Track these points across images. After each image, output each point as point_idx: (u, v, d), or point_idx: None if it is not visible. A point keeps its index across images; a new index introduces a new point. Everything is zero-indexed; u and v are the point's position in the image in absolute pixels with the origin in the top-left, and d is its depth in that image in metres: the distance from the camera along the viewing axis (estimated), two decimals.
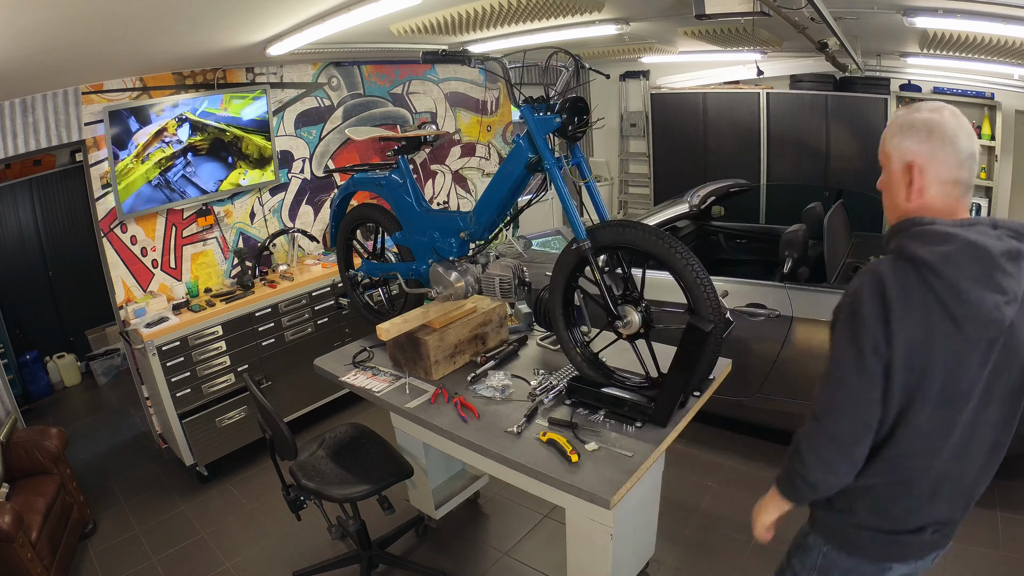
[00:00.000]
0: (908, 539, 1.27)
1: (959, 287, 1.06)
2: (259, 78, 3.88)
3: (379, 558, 2.56)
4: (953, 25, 2.90)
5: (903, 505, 1.24)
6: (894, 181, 1.19)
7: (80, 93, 3.15)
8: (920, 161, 1.13)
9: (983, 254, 1.07)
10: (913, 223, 1.13)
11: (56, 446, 2.85)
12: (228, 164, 3.70)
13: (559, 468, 1.71)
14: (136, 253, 3.49)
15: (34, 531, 2.46)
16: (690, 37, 4.06)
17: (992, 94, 4.64)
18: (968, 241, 1.07)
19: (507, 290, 2.10)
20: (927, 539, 1.27)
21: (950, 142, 1.11)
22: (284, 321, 3.62)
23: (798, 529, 1.46)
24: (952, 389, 1.12)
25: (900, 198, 1.18)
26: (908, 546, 1.28)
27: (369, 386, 2.27)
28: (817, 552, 1.36)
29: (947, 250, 1.07)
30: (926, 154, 1.13)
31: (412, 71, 4.81)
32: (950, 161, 1.12)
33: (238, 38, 2.93)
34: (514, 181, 1.92)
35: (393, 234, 2.44)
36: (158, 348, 3.12)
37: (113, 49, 2.64)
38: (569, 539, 1.94)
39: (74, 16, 1.97)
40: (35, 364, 4.67)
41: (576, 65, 1.88)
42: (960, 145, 1.11)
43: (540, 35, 3.57)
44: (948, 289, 1.07)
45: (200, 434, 3.30)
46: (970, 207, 1.18)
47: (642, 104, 6.55)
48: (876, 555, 1.29)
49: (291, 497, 2.26)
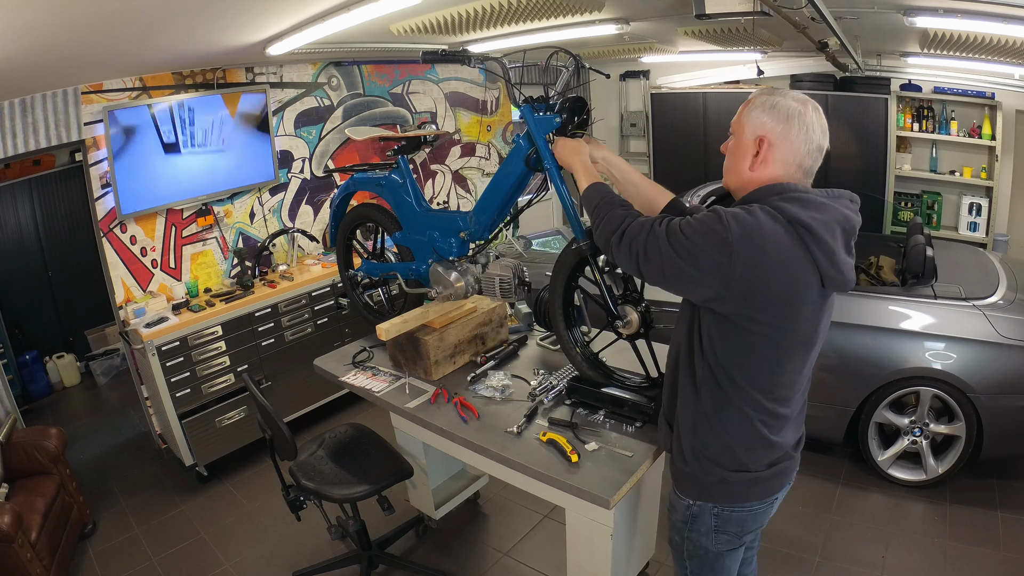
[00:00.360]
0: (783, 467, 1.41)
1: (834, 252, 1.19)
2: (259, 78, 3.88)
3: (379, 558, 2.56)
4: (953, 25, 2.89)
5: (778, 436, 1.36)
6: (741, 149, 1.30)
7: (80, 93, 3.14)
8: (772, 138, 1.25)
9: (849, 225, 1.23)
10: (786, 188, 1.23)
11: (56, 446, 2.85)
12: None
13: (559, 468, 1.71)
14: (136, 253, 3.48)
15: (34, 531, 2.45)
16: (690, 37, 4.05)
17: (993, 94, 4.65)
18: (840, 212, 1.22)
19: (507, 290, 2.10)
20: (793, 461, 1.44)
21: (805, 131, 1.23)
22: (284, 321, 3.61)
23: (670, 503, 1.53)
24: (811, 335, 1.28)
25: (743, 165, 1.29)
26: (785, 473, 1.43)
27: (369, 386, 2.27)
28: (708, 515, 1.43)
29: (826, 218, 1.19)
30: (780, 133, 1.24)
31: (412, 71, 4.81)
32: (799, 147, 1.24)
33: (238, 38, 2.93)
34: (514, 181, 1.92)
35: (393, 234, 2.43)
36: (158, 348, 3.11)
37: (112, 49, 2.63)
38: (569, 539, 1.94)
39: (73, 16, 1.96)
40: (35, 364, 4.66)
41: (576, 65, 1.88)
42: (812, 136, 1.24)
43: (540, 35, 3.57)
44: (825, 252, 1.18)
45: (200, 434, 3.29)
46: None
47: (642, 104, 6.55)
48: (768, 492, 1.42)
49: (291, 497, 2.26)
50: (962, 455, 2.76)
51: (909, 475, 2.91)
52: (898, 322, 2.81)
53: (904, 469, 2.92)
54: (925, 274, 2.96)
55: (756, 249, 1.16)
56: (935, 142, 5.09)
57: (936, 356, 2.70)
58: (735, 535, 1.44)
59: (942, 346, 2.71)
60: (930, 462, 2.84)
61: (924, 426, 2.83)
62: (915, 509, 2.78)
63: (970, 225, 5.01)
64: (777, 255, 1.17)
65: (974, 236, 4.96)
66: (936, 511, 2.74)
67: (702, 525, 1.44)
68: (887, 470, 2.93)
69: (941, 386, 2.71)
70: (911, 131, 5.11)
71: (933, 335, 2.74)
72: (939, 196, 5.18)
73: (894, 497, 2.86)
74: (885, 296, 2.91)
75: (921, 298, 2.85)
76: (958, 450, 2.77)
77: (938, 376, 2.69)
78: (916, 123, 5.08)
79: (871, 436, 2.92)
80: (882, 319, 2.83)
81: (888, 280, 3.32)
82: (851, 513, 2.77)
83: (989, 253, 3.70)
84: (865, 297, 2.90)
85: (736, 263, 1.16)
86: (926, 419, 2.81)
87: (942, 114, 4.98)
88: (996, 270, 3.13)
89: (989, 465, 2.93)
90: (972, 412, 2.67)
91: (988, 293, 2.83)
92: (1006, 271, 3.10)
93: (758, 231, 1.16)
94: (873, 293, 2.94)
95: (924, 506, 2.79)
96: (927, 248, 3.01)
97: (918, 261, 2.99)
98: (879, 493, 2.89)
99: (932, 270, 2.97)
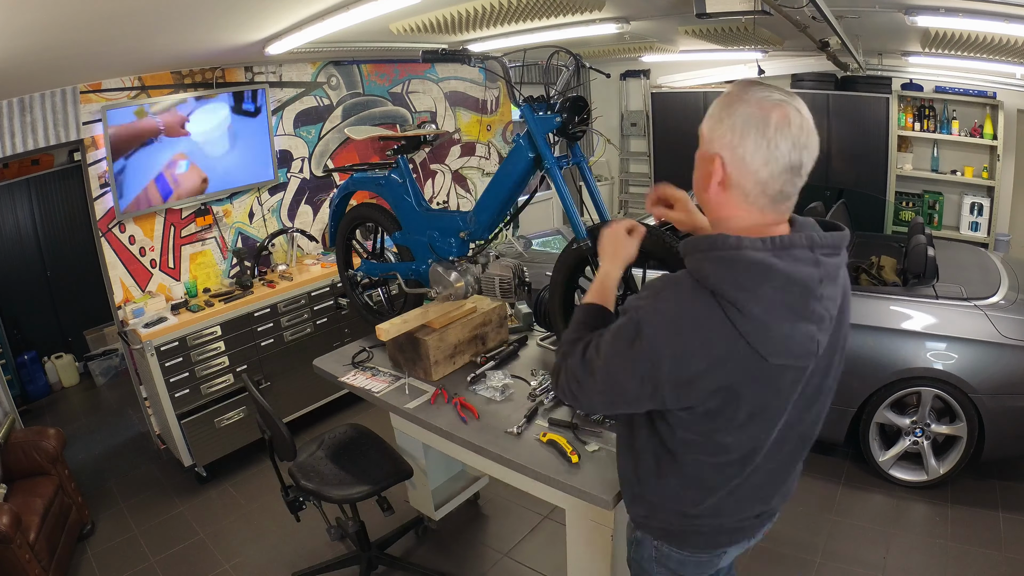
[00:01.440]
0: (731, 527, 1.25)
1: (768, 326, 0.96)
2: (258, 77, 3.87)
3: (378, 559, 2.55)
4: (955, 24, 2.88)
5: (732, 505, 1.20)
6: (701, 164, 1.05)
7: (78, 92, 3.13)
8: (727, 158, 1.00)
9: (800, 288, 0.97)
10: (714, 244, 0.99)
11: (54, 447, 2.84)
12: None
13: (559, 469, 1.70)
14: (134, 253, 3.47)
15: (32, 532, 2.45)
16: (691, 36, 4.04)
17: (994, 93, 4.64)
18: (785, 276, 0.96)
19: (507, 290, 2.09)
20: (757, 522, 1.27)
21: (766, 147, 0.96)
22: (283, 321, 3.61)
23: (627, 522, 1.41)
24: (761, 408, 1.06)
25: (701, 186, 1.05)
26: (740, 531, 1.27)
27: (368, 386, 2.26)
28: (649, 545, 1.32)
29: (761, 292, 0.95)
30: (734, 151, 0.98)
31: (412, 70, 4.80)
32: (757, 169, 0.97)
33: (237, 37, 2.92)
34: (514, 181, 1.91)
35: (392, 234, 2.43)
36: (156, 348, 3.10)
37: (111, 48, 2.62)
38: (569, 540, 1.93)
39: (72, 15, 1.95)
40: (33, 364, 4.66)
41: (576, 64, 1.87)
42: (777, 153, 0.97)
43: (540, 34, 3.56)
44: (755, 329, 0.96)
45: (199, 435, 3.28)
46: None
47: (643, 103, 6.54)
48: (709, 545, 1.27)
49: (290, 498, 2.25)
50: (963, 456, 2.75)
51: (910, 476, 2.90)
52: (899, 322, 2.80)
53: (905, 470, 2.92)
54: (926, 274, 2.95)
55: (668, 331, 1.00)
56: (936, 141, 5.08)
57: (937, 356, 2.69)
58: (675, 573, 1.31)
59: (943, 346, 2.70)
60: (931, 463, 2.83)
61: (925, 426, 2.82)
62: (916, 510, 2.77)
63: (971, 225, 5.00)
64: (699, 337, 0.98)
65: (975, 236, 4.95)
66: (937, 512, 2.73)
67: (644, 552, 1.33)
68: (888, 471, 2.92)
69: (942, 386, 2.70)
70: (912, 131, 5.10)
71: (934, 335, 2.73)
72: (940, 196, 5.17)
73: (895, 498, 2.85)
74: (886, 296, 2.91)
75: (922, 298, 2.84)
76: (959, 451, 2.76)
77: (939, 376, 2.68)
78: (917, 122, 5.07)
79: (872, 436, 2.92)
80: (883, 319, 2.82)
81: (889, 280, 3.32)
82: (852, 514, 2.76)
83: (991, 253, 3.69)
84: (866, 297, 2.89)
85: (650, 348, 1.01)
86: (927, 419, 2.80)
87: (943, 113, 4.97)
88: (998, 270, 3.12)
89: (991, 466, 2.91)
90: (974, 412, 2.66)
91: (990, 293, 2.82)
92: (1008, 271, 3.09)
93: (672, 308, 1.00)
94: (874, 293, 2.93)
95: (925, 507, 2.78)
96: (928, 248, 3.01)
97: (919, 261, 2.98)
98: (880, 494, 2.88)
99: (933, 270, 2.97)
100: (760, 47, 4.41)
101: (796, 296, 0.97)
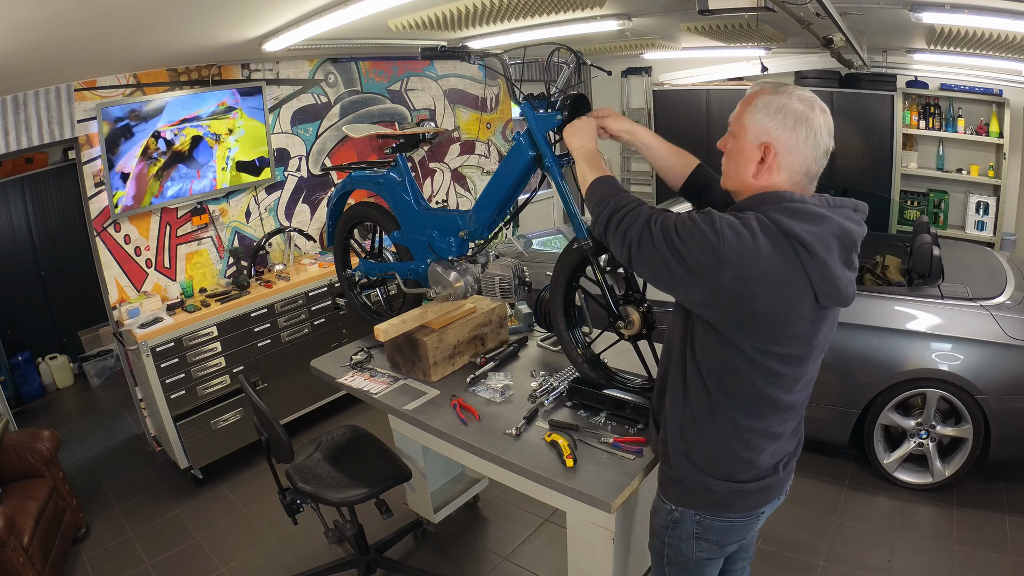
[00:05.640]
0: (770, 481, 1.36)
1: (829, 267, 1.13)
2: (255, 74, 3.84)
3: (376, 562, 2.52)
4: (960, 21, 2.85)
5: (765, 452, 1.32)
6: (744, 154, 1.22)
7: (73, 90, 3.10)
8: (778, 146, 1.18)
9: (849, 238, 1.17)
10: (783, 197, 1.17)
11: (48, 449, 2.81)
12: None
13: (560, 471, 1.68)
14: (130, 252, 3.44)
15: (26, 535, 2.42)
16: (693, 33, 4.02)
17: (1000, 91, 4.61)
18: (840, 225, 1.15)
19: (507, 290, 2.07)
20: (782, 476, 1.39)
21: (813, 136, 1.17)
22: (280, 322, 3.58)
23: (653, 507, 1.50)
24: (804, 347, 1.22)
25: (745, 172, 1.23)
26: (771, 488, 1.38)
27: (367, 388, 2.24)
28: (690, 521, 1.40)
29: (821, 231, 1.13)
30: (786, 142, 1.18)
31: (410, 67, 4.76)
32: (807, 154, 1.18)
33: (233, 34, 2.89)
34: (514, 179, 1.89)
35: (391, 233, 2.40)
36: (152, 349, 3.07)
37: (106, 45, 2.60)
38: (570, 543, 1.91)
39: (67, 12, 1.93)
40: (27, 365, 4.62)
41: (577, 61, 1.84)
42: (820, 141, 1.18)
43: (541, 31, 3.54)
44: (819, 267, 1.13)
45: (195, 437, 3.25)
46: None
47: (644, 101, 6.52)
48: (747, 507, 1.37)
49: (287, 501, 2.23)
50: (969, 458, 2.72)
51: (915, 478, 2.87)
52: (904, 323, 2.77)
53: (910, 472, 2.89)
54: (932, 274, 2.93)
55: (747, 261, 1.11)
56: (942, 140, 5.05)
57: (943, 357, 2.66)
58: (716, 544, 1.41)
59: (949, 347, 2.67)
60: (936, 465, 2.80)
61: (930, 428, 2.79)
62: (921, 512, 2.75)
63: (977, 224, 4.98)
64: (768, 268, 1.12)
65: (981, 235, 4.93)
66: (943, 514, 2.71)
67: (683, 531, 1.41)
68: (893, 473, 2.90)
69: (948, 387, 2.67)
70: (917, 128, 5.07)
71: (940, 336, 2.70)
72: (946, 195, 5.14)
73: (900, 500, 2.82)
74: (891, 296, 2.88)
75: (927, 298, 2.81)
76: (965, 453, 2.73)
77: (945, 377, 2.65)
78: (922, 120, 5.04)
79: (877, 438, 2.89)
80: (888, 319, 2.79)
81: (894, 280, 3.29)
82: (856, 516, 2.73)
83: (996, 252, 3.66)
84: (871, 297, 2.86)
85: (725, 273, 1.12)
86: (932, 421, 2.77)
87: (949, 111, 4.94)
88: (1004, 270, 3.09)
89: (996, 468, 2.89)
90: (979, 414, 2.63)
91: (995, 293, 2.79)
92: (1014, 271, 3.06)
93: (751, 242, 1.12)
94: (879, 293, 2.90)
95: (930, 509, 2.75)
96: (934, 247, 2.98)
97: (924, 261, 2.96)
98: (885, 496, 2.86)
99: (939, 270, 2.94)
100: (763, 44, 4.38)
101: (846, 246, 1.17)
